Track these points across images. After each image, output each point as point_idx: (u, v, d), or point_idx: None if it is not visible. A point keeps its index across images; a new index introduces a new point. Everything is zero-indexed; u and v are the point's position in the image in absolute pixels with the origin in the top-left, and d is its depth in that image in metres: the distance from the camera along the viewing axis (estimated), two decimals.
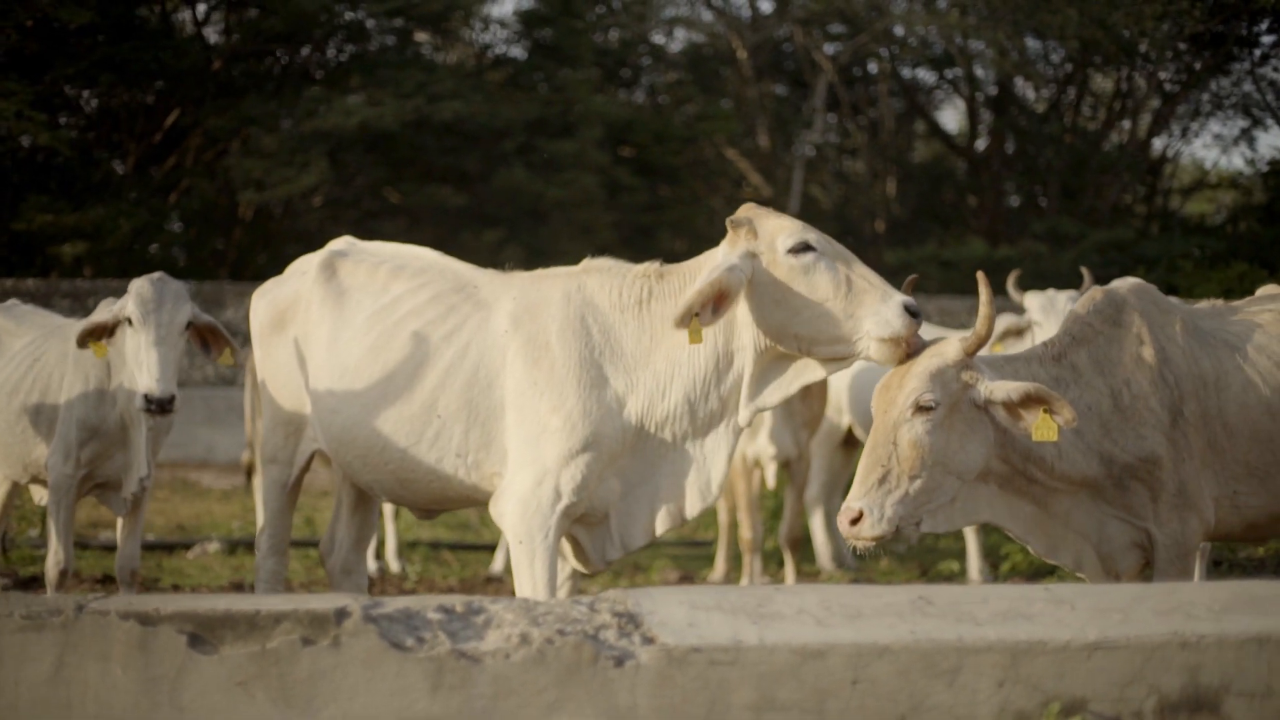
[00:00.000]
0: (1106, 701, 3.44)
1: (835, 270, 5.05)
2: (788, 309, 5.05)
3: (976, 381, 4.97)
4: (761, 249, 5.08)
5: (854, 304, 5.01)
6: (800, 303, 5.03)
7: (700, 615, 3.46)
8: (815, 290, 5.02)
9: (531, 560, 5.31)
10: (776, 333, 5.09)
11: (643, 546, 5.55)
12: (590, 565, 5.55)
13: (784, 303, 5.05)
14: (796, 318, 5.05)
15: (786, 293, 5.04)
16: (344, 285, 5.91)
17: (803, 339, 5.07)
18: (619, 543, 5.47)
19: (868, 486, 4.89)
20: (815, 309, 5.02)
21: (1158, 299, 5.53)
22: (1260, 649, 3.48)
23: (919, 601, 3.55)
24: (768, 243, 5.08)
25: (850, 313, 5.00)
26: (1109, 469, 5.22)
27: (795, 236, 5.07)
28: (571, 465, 5.24)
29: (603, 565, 5.53)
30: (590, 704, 3.35)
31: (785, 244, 5.05)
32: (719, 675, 3.36)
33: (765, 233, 5.10)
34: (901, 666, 3.39)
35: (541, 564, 5.31)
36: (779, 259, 5.05)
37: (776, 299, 5.06)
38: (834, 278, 5.03)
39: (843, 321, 5.01)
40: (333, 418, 5.78)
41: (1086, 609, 3.56)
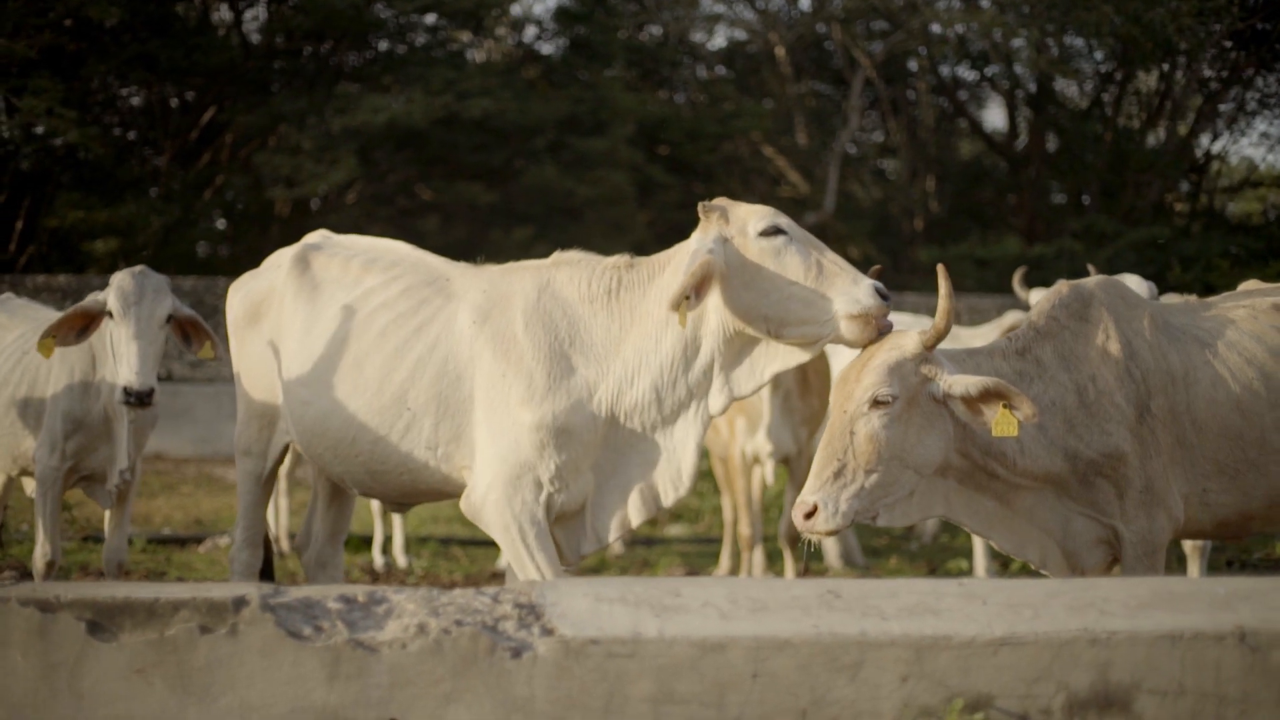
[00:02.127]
0: (1013, 698, 3.38)
1: (806, 253, 5.07)
2: (757, 291, 5.07)
3: (935, 375, 4.93)
4: (733, 233, 5.12)
5: (824, 285, 5.02)
6: (770, 284, 5.05)
7: (603, 607, 3.43)
8: (786, 272, 5.04)
9: (531, 555, 5.32)
10: (746, 315, 5.09)
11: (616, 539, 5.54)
12: (564, 560, 5.54)
13: (754, 285, 5.07)
14: (766, 299, 5.06)
15: (757, 275, 5.06)
16: (317, 279, 5.94)
17: (772, 320, 5.07)
18: (593, 536, 5.47)
19: (823, 480, 4.86)
20: (785, 290, 5.04)
21: (1126, 294, 5.46)
22: (1173, 646, 3.41)
23: (827, 595, 3.51)
24: (739, 227, 5.12)
25: (821, 293, 5.01)
26: (1074, 465, 5.16)
27: (766, 220, 5.10)
28: (550, 458, 5.25)
29: (576, 560, 5.53)
30: (487, 695, 3.33)
31: (757, 227, 5.08)
32: (617, 667, 3.33)
33: (736, 218, 5.14)
34: (802, 660, 3.34)
35: (541, 555, 5.32)
36: (750, 242, 5.08)
37: (747, 281, 5.07)
38: (804, 260, 5.05)
39: (813, 301, 5.02)
40: (304, 410, 5.80)
41: (998, 604, 3.50)
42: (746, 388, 5.27)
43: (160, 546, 10.10)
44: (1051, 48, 20.54)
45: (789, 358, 5.19)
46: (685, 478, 5.35)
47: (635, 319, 5.31)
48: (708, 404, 5.28)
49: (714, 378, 5.22)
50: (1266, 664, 3.44)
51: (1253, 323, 5.57)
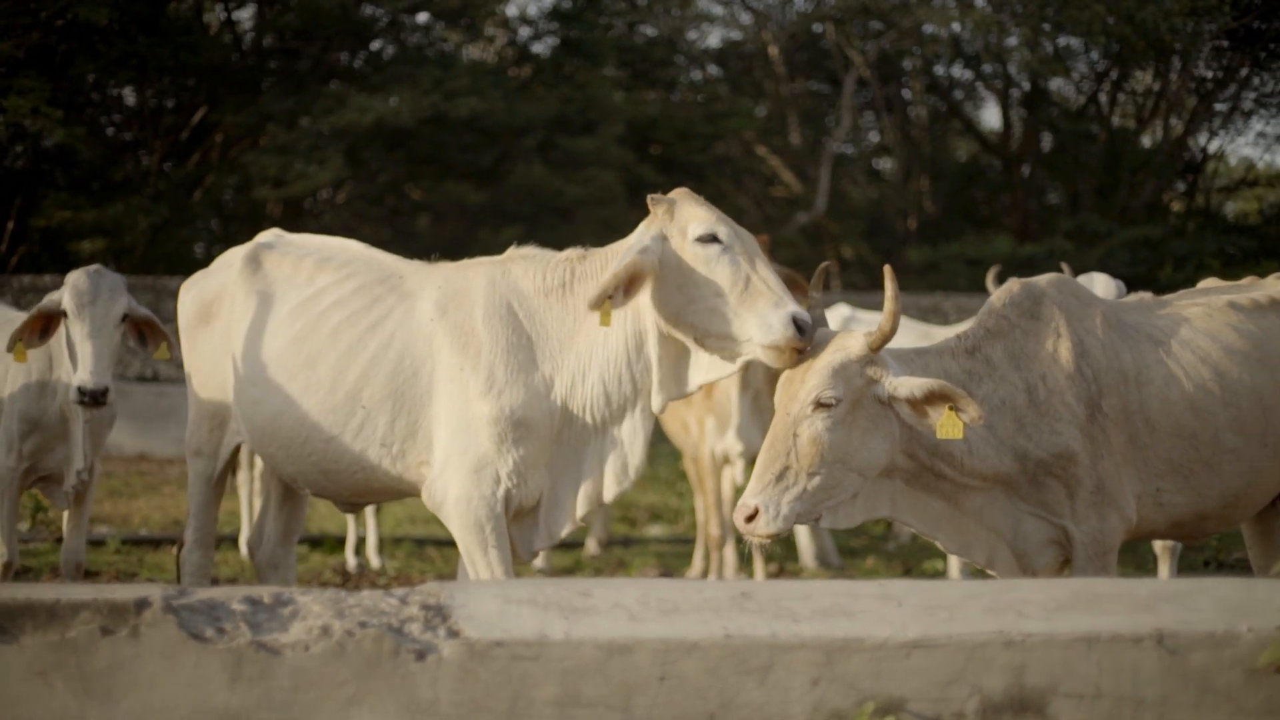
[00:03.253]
0: (926, 701, 3.33)
1: (737, 267, 5.02)
2: (685, 296, 5.03)
3: (880, 377, 4.88)
4: (673, 232, 5.07)
5: (745, 304, 4.97)
6: (697, 292, 5.01)
7: (511, 609, 3.38)
8: (713, 282, 5.00)
9: (485, 549, 5.31)
10: (673, 318, 5.07)
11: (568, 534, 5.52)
12: (518, 558, 5.52)
13: (683, 290, 5.03)
14: (691, 306, 5.03)
15: (687, 280, 5.02)
16: (269, 278, 5.91)
17: (696, 329, 5.05)
18: (545, 534, 5.46)
19: (765, 483, 4.81)
20: (709, 301, 5.00)
21: (1078, 292, 5.42)
22: (1089, 649, 3.36)
23: (740, 597, 3.46)
24: (680, 227, 5.08)
25: (739, 313, 4.97)
26: (1023, 465, 5.11)
27: (705, 226, 5.06)
28: (508, 451, 5.24)
29: (529, 557, 5.52)
30: (390, 698, 3.28)
31: (695, 231, 5.04)
32: (522, 670, 3.28)
33: (680, 217, 5.11)
34: (711, 663, 3.29)
35: (495, 552, 5.31)
36: (686, 245, 5.05)
37: (678, 284, 5.04)
38: (733, 274, 5.00)
39: (731, 320, 4.98)
40: (256, 409, 5.78)
41: (915, 606, 3.44)
42: (687, 388, 5.25)
43: (135, 547, 10.08)
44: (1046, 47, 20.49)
45: (716, 368, 5.16)
46: (631, 472, 5.34)
47: (587, 312, 5.29)
48: (650, 401, 5.25)
49: (653, 375, 5.20)
50: (1185, 666, 3.39)
51: (1207, 321, 5.52)
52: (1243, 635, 3.41)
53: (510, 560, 5.38)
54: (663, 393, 5.22)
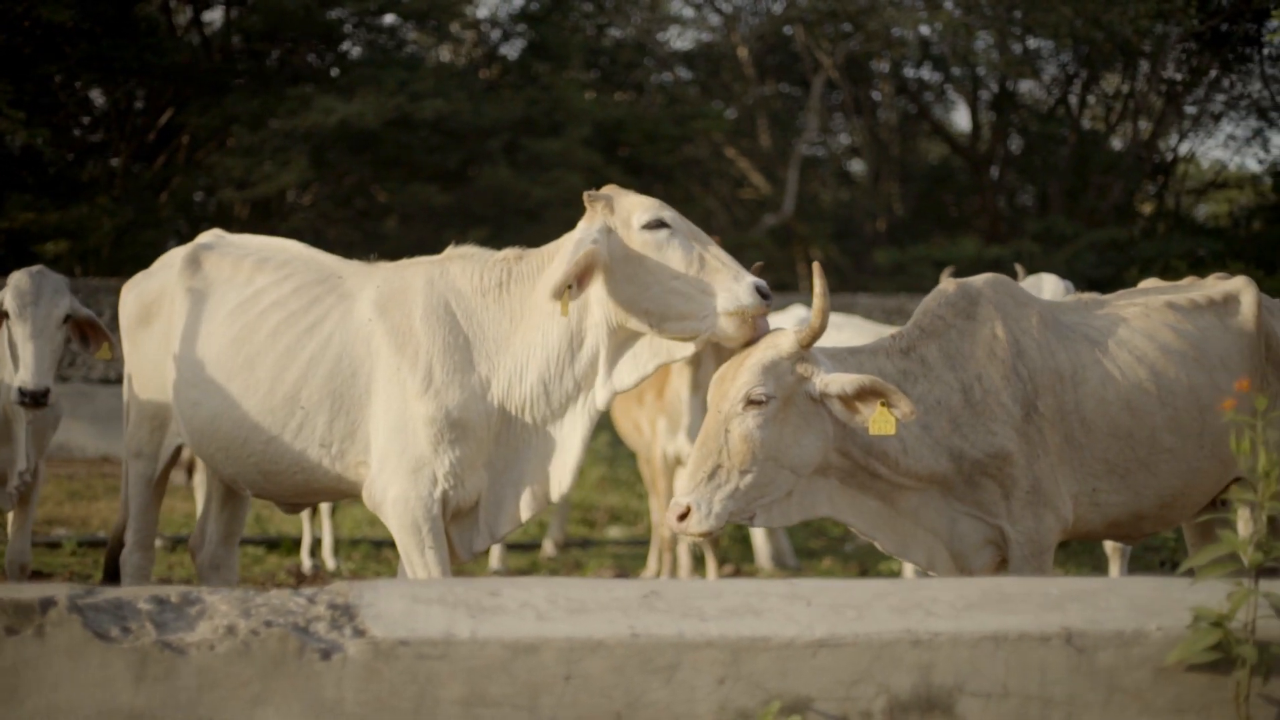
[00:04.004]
0: (833, 700, 3.33)
1: (689, 247, 5.04)
2: (639, 284, 5.03)
3: (812, 374, 4.88)
4: (617, 224, 5.08)
5: (705, 280, 4.99)
6: (652, 278, 5.01)
7: (419, 608, 3.38)
8: (667, 265, 5.01)
9: (422, 550, 5.31)
10: (627, 308, 5.06)
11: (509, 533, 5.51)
12: (457, 558, 5.51)
13: (636, 278, 5.03)
14: (647, 293, 5.03)
15: (639, 268, 5.02)
16: (209, 279, 5.90)
17: (653, 314, 5.04)
18: (486, 533, 5.45)
19: (697, 481, 4.81)
20: (666, 284, 5.00)
21: (1015, 292, 5.42)
22: (997, 648, 3.36)
23: (650, 596, 3.45)
24: (623, 218, 5.09)
25: (701, 288, 4.98)
26: (959, 465, 5.11)
27: (651, 213, 5.07)
28: (445, 452, 5.23)
29: (469, 557, 5.50)
30: (296, 697, 3.27)
31: (640, 219, 5.06)
32: (427, 669, 3.27)
33: (621, 209, 5.11)
34: (617, 662, 3.28)
35: (432, 553, 5.30)
36: (633, 234, 5.05)
37: (629, 274, 5.04)
38: (686, 254, 5.02)
39: (693, 296, 4.99)
40: (195, 411, 5.76)
41: (823, 605, 3.44)
42: (629, 380, 5.25)
43: (92, 549, 10.03)
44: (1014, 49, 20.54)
45: (671, 351, 5.16)
46: (573, 470, 5.33)
47: (524, 312, 5.30)
48: (594, 397, 5.24)
49: (599, 370, 5.19)
50: (1093, 665, 3.39)
51: (1145, 320, 5.53)
52: (1152, 634, 3.42)
53: (448, 561, 5.37)
54: (609, 385, 5.21)
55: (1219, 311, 5.71)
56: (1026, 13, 18.06)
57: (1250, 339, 5.66)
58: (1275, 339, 5.77)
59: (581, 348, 5.21)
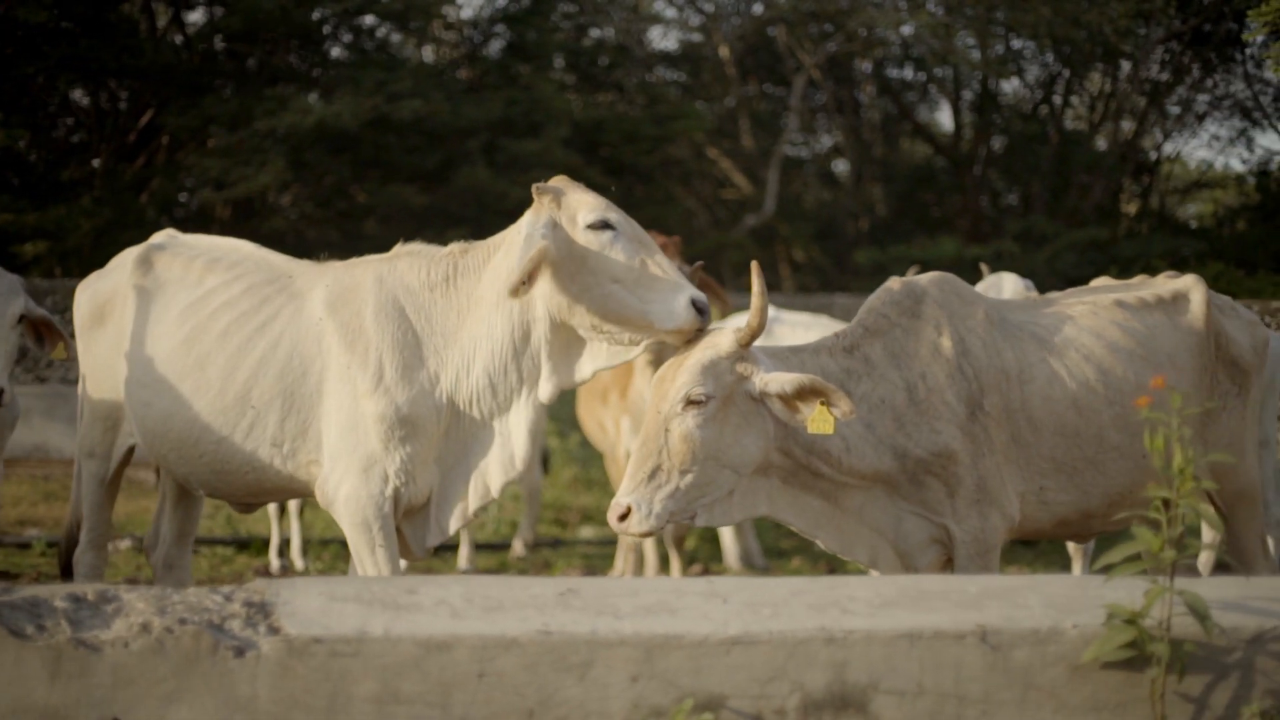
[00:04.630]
0: (747, 698, 3.33)
1: (632, 252, 5.01)
2: (579, 284, 5.01)
3: (751, 373, 4.87)
4: (563, 220, 5.04)
5: (644, 289, 4.97)
6: (592, 279, 4.99)
7: (335, 606, 3.38)
8: (608, 269, 4.98)
9: (373, 548, 5.30)
10: (567, 306, 5.05)
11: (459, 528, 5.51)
12: (410, 555, 5.51)
13: (576, 278, 5.01)
14: (587, 294, 5.01)
15: (580, 268, 5.00)
16: (160, 279, 5.89)
17: (591, 316, 5.02)
18: (437, 530, 5.44)
19: (637, 481, 4.80)
20: (606, 288, 4.99)
21: (961, 290, 5.41)
22: (912, 646, 3.37)
23: (566, 595, 3.46)
24: (569, 215, 5.05)
25: (639, 297, 4.96)
26: (903, 464, 5.10)
27: (597, 213, 5.03)
28: (397, 449, 5.22)
29: (422, 554, 5.50)
30: (209, 694, 3.28)
31: (586, 219, 5.02)
32: (341, 666, 3.28)
33: (569, 205, 5.07)
34: (530, 660, 3.29)
35: (383, 551, 5.30)
36: (578, 232, 5.02)
37: (571, 272, 5.01)
38: (629, 260, 4.99)
39: (630, 305, 4.97)
40: (146, 411, 5.75)
41: (739, 603, 3.45)
42: (576, 378, 5.24)
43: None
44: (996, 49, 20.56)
45: (613, 354, 5.15)
46: (517, 463, 5.32)
47: (471, 305, 5.29)
48: (538, 391, 5.23)
49: (542, 365, 5.18)
50: (1008, 663, 3.40)
51: (1093, 319, 5.53)
52: (1068, 632, 3.43)
53: (398, 559, 5.37)
54: (553, 381, 5.20)
55: (1168, 310, 5.72)
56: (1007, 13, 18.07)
57: (1199, 337, 5.66)
58: (1225, 337, 5.78)
59: (527, 341, 5.20)
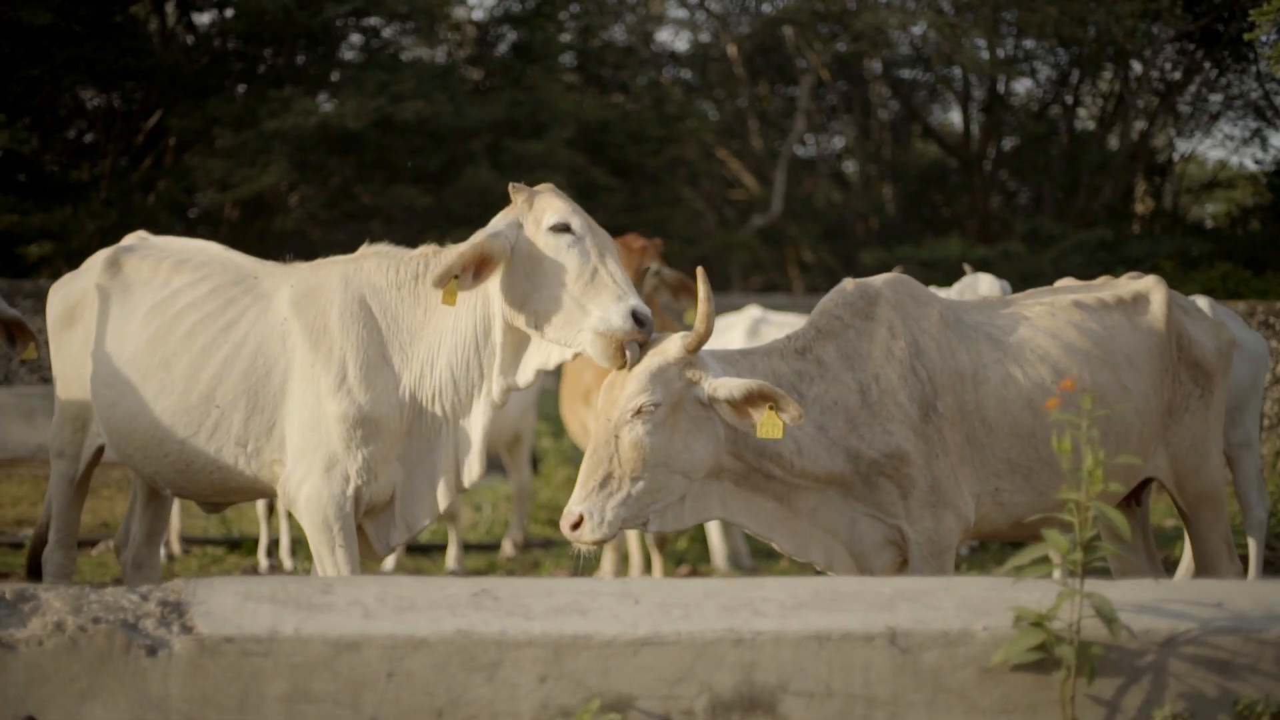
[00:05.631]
0: (655, 699, 3.35)
1: (585, 258, 5.06)
2: (532, 283, 5.08)
3: (700, 379, 4.87)
4: (529, 221, 5.13)
5: (588, 295, 5.02)
6: (543, 280, 5.06)
7: (249, 605, 3.42)
8: (560, 271, 5.05)
9: (333, 548, 5.34)
10: (516, 305, 5.12)
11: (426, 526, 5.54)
12: (374, 553, 5.55)
13: (531, 277, 5.08)
14: (537, 293, 5.07)
15: (535, 267, 5.07)
16: (128, 280, 5.94)
17: (538, 315, 5.09)
18: (403, 527, 5.48)
19: (589, 490, 4.81)
20: (554, 289, 5.05)
21: (915, 292, 5.40)
22: (820, 647, 3.38)
23: (480, 595, 3.49)
24: (535, 216, 5.14)
25: (582, 303, 5.02)
26: (856, 465, 5.10)
27: (559, 216, 5.11)
28: (358, 449, 5.27)
29: (386, 551, 5.55)
30: (123, 693, 3.31)
31: (548, 221, 5.11)
32: (252, 665, 3.31)
33: (537, 207, 5.18)
34: (438, 660, 3.32)
35: (343, 551, 5.34)
36: (540, 234, 5.10)
37: (526, 271, 5.09)
38: (581, 265, 5.04)
39: (572, 309, 5.03)
40: (113, 411, 5.80)
41: (651, 604, 3.47)
42: (525, 377, 5.29)
43: None
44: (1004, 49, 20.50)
45: (555, 356, 5.20)
46: (482, 460, 5.36)
47: (436, 303, 5.33)
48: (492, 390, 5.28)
49: (497, 363, 5.23)
50: (918, 665, 3.41)
51: (1049, 319, 5.52)
52: (978, 634, 3.44)
53: (358, 559, 5.40)
54: (503, 380, 5.25)
55: (1128, 310, 5.70)
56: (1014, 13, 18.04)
57: (1160, 337, 5.65)
58: (1187, 338, 5.76)
59: (488, 338, 5.27)
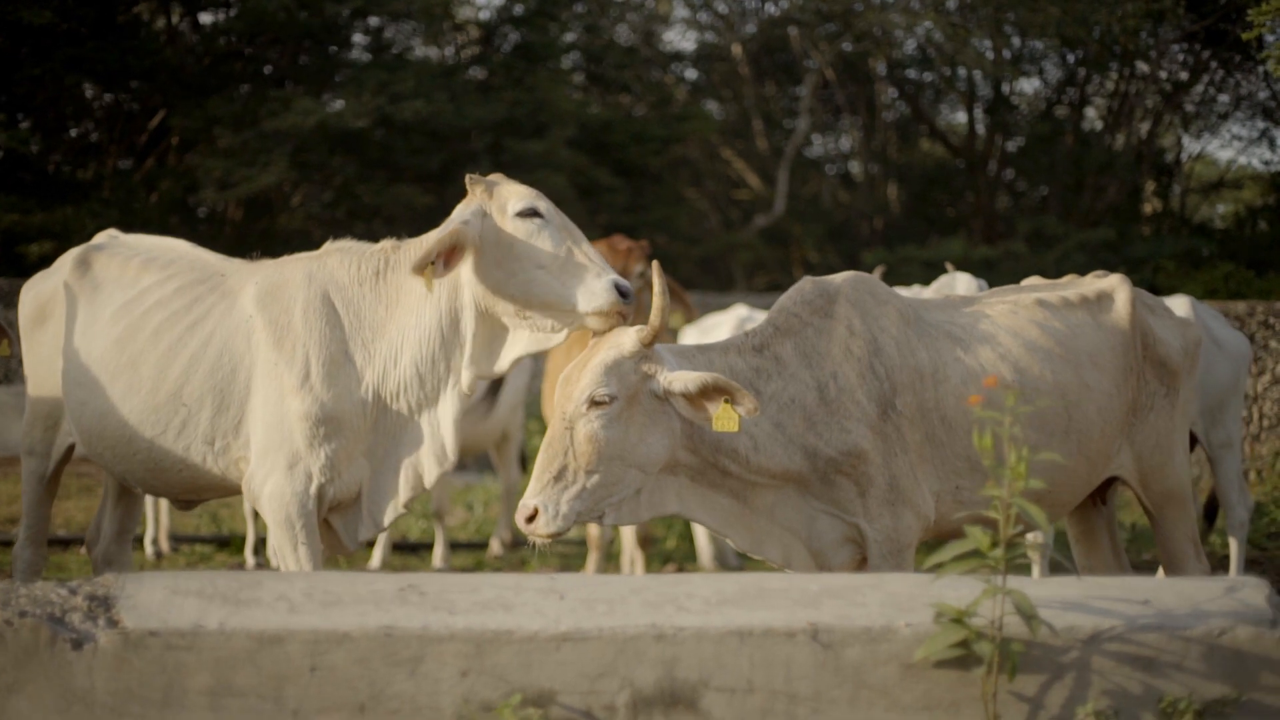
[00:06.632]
0: (576, 694, 3.37)
1: (558, 240, 5.11)
2: (506, 270, 5.11)
3: (656, 372, 4.89)
4: (493, 209, 5.16)
5: (569, 275, 5.07)
6: (519, 265, 5.09)
7: (176, 599, 3.44)
8: (535, 255, 5.08)
9: (295, 546, 5.37)
10: (494, 292, 5.13)
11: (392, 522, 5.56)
12: (343, 548, 5.57)
13: (504, 264, 5.11)
14: (513, 280, 5.09)
15: (508, 254, 5.10)
16: (98, 279, 5.98)
17: (517, 301, 5.11)
18: (370, 522, 5.50)
19: (543, 483, 4.82)
20: (532, 273, 5.08)
21: (875, 290, 5.40)
22: (742, 643, 3.39)
23: (406, 590, 3.51)
24: (499, 204, 5.17)
25: (563, 282, 5.06)
26: (814, 463, 5.10)
27: (526, 201, 5.15)
28: (321, 446, 5.29)
29: (354, 547, 5.56)
30: (48, 686, 3.34)
31: (515, 207, 5.14)
32: (175, 659, 3.34)
33: (499, 194, 5.21)
34: (361, 654, 3.34)
35: (305, 549, 5.36)
36: (507, 220, 5.13)
37: (497, 259, 5.11)
38: (555, 247, 5.09)
39: (555, 289, 5.07)
40: (82, 410, 5.84)
41: (576, 600, 3.49)
42: (498, 367, 5.31)
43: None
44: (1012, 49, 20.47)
45: (535, 342, 5.22)
46: (449, 454, 5.38)
47: (400, 297, 5.37)
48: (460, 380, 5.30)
49: (466, 353, 5.25)
50: (840, 661, 3.42)
51: (1011, 318, 5.52)
52: (900, 631, 3.44)
53: (320, 556, 5.42)
54: (473, 369, 5.26)
55: (1091, 309, 5.70)
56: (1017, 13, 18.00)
57: (1123, 336, 5.64)
58: (1152, 337, 5.75)
59: (454, 330, 5.28)
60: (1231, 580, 3.71)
